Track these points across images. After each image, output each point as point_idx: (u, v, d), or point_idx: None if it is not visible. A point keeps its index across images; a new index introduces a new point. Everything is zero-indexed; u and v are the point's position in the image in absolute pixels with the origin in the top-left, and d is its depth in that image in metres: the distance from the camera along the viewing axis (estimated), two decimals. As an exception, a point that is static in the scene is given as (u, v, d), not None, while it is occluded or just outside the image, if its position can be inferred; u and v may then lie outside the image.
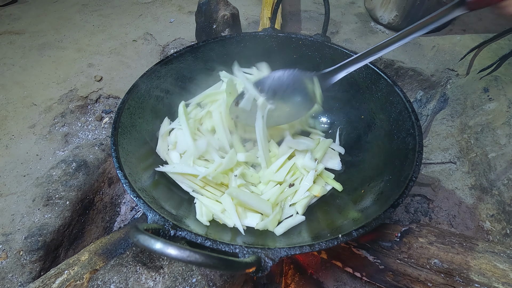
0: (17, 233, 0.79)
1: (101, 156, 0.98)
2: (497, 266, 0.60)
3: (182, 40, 1.47)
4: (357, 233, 0.46)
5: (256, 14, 1.60)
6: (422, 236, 0.68)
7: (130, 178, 0.55)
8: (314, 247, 0.44)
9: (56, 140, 1.09)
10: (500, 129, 0.97)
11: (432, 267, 0.63)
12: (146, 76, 0.75)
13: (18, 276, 0.74)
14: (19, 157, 1.01)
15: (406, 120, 0.65)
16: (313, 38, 0.85)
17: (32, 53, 1.39)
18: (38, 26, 1.55)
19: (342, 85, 0.85)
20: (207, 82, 0.89)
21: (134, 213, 1.03)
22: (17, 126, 1.10)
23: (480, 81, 1.15)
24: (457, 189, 0.99)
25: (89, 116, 1.21)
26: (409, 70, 1.30)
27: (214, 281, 0.55)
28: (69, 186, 0.87)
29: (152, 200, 0.53)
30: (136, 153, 0.67)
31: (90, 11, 1.67)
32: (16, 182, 0.94)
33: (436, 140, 1.14)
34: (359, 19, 1.55)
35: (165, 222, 0.46)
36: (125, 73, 1.31)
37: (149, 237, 0.31)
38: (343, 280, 0.82)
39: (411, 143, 0.61)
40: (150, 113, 0.77)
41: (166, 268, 0.54)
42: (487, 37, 1.28)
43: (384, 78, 0.73)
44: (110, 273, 0.54)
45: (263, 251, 0.42)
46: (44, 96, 1.20)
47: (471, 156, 1.00)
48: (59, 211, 0.82)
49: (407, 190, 0.52)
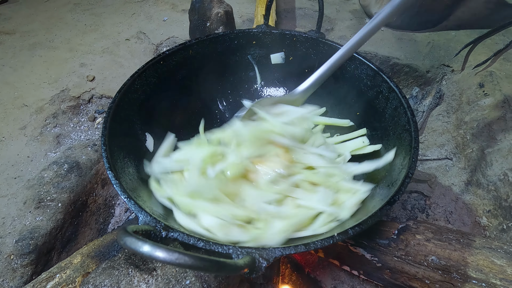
0: (7, 236, 0.77)
1: (94, 157, 0.96)
2: (494, 262, 0.59)
3: (176, 38, 1.46)
4: (353, 231, 0.45)
5: (251, 12, 1.59)
6: (419, 233, 0.68)
7: (121, 178, 0.54)
8: (309, 246, 0.43)
9: (48, 141, 1.07)
10: (496, 124, 0.97)
11: (429, 264, 0.62)
12: (138, 75, 0.74)
13: (9, 280, 0.72)
14: (9, 159, 0.99)
15: (402, 116, 0.65)
16: (307, 34, 0.85)
17: (23, 53, 1.36)
18: (29, 26, 1.52)
19: (337, 81, 0.84)
20: (202, 80, 0.88)
21: (128, 215, 1.02)
22: (8, 127, 1.08)
23: (475, 76, 1.15)
24: (453, 185, 0.99)
25: (82, 117, 1.19)
26: (404, 66, 1.30)
27: (209, 282, 0.54)
28: (61, 188, 0.85)
29: (143, 201, 0.52)
30: (128, 154, 0.66)
31: (81, 10, 1.65)
32: (7, 185, 0.92)
33: (432, 136, 1.14)
34: (354, 16, 1.54)
35: (157, 223, 0.45)
36: (118, 73, 1.29)
37: (137, 240, 0.30)
38: (341, 278, 0.81)
39: (407, 139, 0.60)
40: (142, 112, 0.76)
41: (159, 270, 0.53)
42: (481, 32, 1.28)
43: (379, 74, 0.73)
44: (102, 277, 0.52)
45: (257, 251, 0.41)
46: (35, 97, 1.18)
47: (467, 152, 1.00)
48: (51, 213, 0.81)
49: (403, 187, 0.51)
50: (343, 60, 0.72)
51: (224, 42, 0.86)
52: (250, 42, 0.88)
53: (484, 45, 1.24)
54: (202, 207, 0.56)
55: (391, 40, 1.38)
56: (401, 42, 1.37)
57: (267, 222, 0.56)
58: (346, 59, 0.72)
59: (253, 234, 0.53)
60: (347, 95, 0.83)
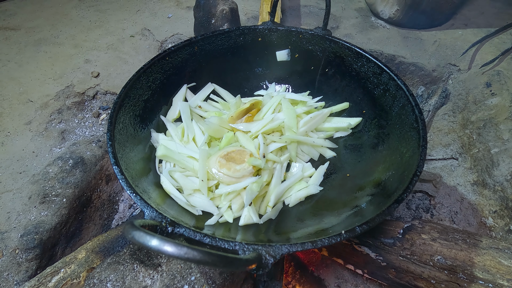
0: (12, 231, 0.77)
1: (99, 153, 0.96)
2: (501, 263, 0.59)
3: (181, 35, 1.45)
4: (361, 229, 0.45)
5: (256, 9, 1.58)
6: (425, 232, 0.67)
7: (126, 173, 0.53)
8: (316, 243, 0.43)
9: (53, 137, 1.07)
10: (503, 124, 0.96)
11: (435, 264, 0.62)
12: (143, 71, 0.74)
13: (14, 274, 0.72)
14: (15, 154, 1.00)
15: (410, 114, 0.64)
16: (313, 31, 0.84)
17: (28, 49, 1.37)
18: (34, 22, 1.52)
19: (343, 79, 0.84)
20: (208, 77, 0.88)
21: (132, 211, 1.02)
22: (13, 123, 1.08)
23: (483, 75, 1.13)
24: (459, 185, 0.98)
25: (86, 113, 1.19)
26: (410, 65, 1.29)
27: (214, 279, 0.54)
28: (65, 183, 0.85)
29: (149, 196, 0.52)
30: (133, 149, 0.66)
31: (86, 6, 1.65)
32: (12, 180, 0.92)
33: (438, 136, 1.13)
34: (359, 14, 1.53)
35: (163, 219, 0.44)
36: (122, 69, 1.29)
37: (145, 234, 0.30)
38: (344, 277, 0.81)
39: (414, 137, 0.60)
40: (147, 108, 0.76)
41: (164, 266, 0.53)
42: (489, 31, 1.27)
43: (386, 71, 0.72)
44: (107, 271, 0.52)
45: (264, 248, 0.41)
46: (40, 93, 1.18)
47: (473, 152, 0.99)
48: (56, 208, 0.81)
49: (412, 185, 0.51)
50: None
51: (230, 39, 0.86)
52: (256, 39, 0.88)
53: (491, 44, 1.22)
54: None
55: (397, 38, 1.37)
56: (407, 41, 1.36)
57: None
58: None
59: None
60: (353, 93, 0.83)
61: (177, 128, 0.78)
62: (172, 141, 0.75)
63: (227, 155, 0.69)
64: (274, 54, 0.90)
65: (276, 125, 0.76)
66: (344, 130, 0.82)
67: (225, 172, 0.66)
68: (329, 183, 0.75)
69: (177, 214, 0.56)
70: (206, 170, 0.68)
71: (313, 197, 0.72)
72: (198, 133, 0.76)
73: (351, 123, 0.80)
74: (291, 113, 0.77)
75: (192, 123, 0.78)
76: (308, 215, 0.66)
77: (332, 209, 0.65)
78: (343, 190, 0.71)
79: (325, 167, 0.77)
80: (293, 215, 0.68)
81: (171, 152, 0.71)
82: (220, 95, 0.89)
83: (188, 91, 0.85)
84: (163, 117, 0.80)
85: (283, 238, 0.58)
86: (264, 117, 0.78)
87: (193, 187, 0.66)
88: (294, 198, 0.71)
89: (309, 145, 0.79)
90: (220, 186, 0.69)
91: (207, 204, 0.66)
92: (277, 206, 0.70)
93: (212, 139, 0.78)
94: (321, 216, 0.63)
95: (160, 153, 0.71)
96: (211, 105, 0.86)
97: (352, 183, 0.71)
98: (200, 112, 0.82)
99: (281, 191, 0.70)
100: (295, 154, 0.78)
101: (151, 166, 0.72)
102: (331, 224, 0.58)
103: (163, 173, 0.68)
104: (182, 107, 0.79)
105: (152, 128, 0.77)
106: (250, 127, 0.76)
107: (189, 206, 0.65)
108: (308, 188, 0.72)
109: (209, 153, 0.70)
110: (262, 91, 0.94)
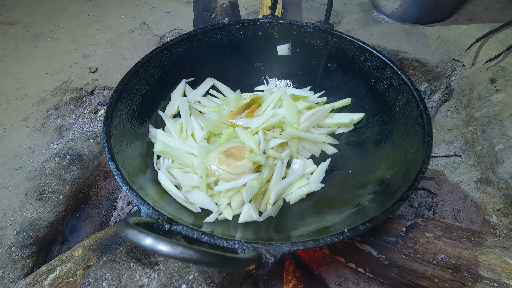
0: (8, 228, 0.76)
1: (96, 149, 0.94)
2: (507, 262, 0.57)
3: (180, 30, 1.43)
4: (364, 227, 0.43)
5: (256, 4, 1.56)
6: (428, 230, 0.66)
7: (123, 169, 0.52)
8: (318, 242, 0.42)
9: (50, 132, 1.06)
10: (508, 120, 0.94)
11: (439, 263, 0.61)
12: (141, 65, 0.72)
13: (10, 272, 0.71)
14: (11, 150, 0.98)
15: (414, 109, 0.62)
16: (315, 25, 0.82)
17: (25, 44, 1.35)
18: (32, 17, 1.50)
19: (346, 74, 0.82)
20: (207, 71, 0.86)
21: (131, 208, 1.01)
22: (10, 118, 1.07)
23: (487, 71, 1.11)
24: (462, 182, 0.96)
25: (84, 108, 1.18)
26: (413, 61, 1.27)
27: (212, 278, 0.53)
28: (62, 179, 0.84)
29: (146, 193, 0.50)
30: (131, 145, 0.64)
31: (85, 1, 1.63)
32: (8, 176, 0.91)
33: (441, 132, 1.11)
34: (361, 9, 1.51)
35: (159, 216, 0.43)
36: (121, 64, 1.27)
37: (138, 232, 0.28)
38: (346, 275, 0.79)
39: (419, 133, 0.58)
40: (145, 103, 0.74)
41: (161, 265, 0.52)
42: (493, 26, 1.24)
43: (390, 65, 0.70)
44: (103, 270, 0.51)
45: (264, 246, 0.40)
46: (37, 88, 1.16)
47: (477, 149, 0.97)
48: (52, 205, 0.79)
49: (417, 182, 0.49)
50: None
51: (230, 33, 0.84)
52: (256, 32, 0.86)
53: (496, 40, 1.20)
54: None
55: (400, 34, 1.35)
56: (410, 36, 1.34)
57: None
58: None
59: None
60: (356, 88, 0.81)
61: (176, 123, 0.76)
62: (171, 137, 0.73)
63: (227, 151, 0.67)
64: (275, 48, 0.88)
65: (277, 121, 0.74)
66: (346, 126, 0.80)
67: (225, 168, 0.64)
68: (330, 180, 0.73)
69: (175, 212, 0.55)
70: (205, 167, 0.66)
71: (314, 194, 0.71)
72: (197, 128, 0.75)
73: (354, 119, 0.79)
74: (292, 109, 0.76)
75: (191, 119, 0.76)
76: (309, 212, 0.65)
77: (334, 207, 0.63)
78: (345, 187, 0.69)
79: (327, 164, 0.76)
80: (294, 213, 0.67)
81: (169, 148, 0.70)
82: (219, 90, 0.88)
83: (187, 86, 0.84)
84: (162, 112, 0.79)
85: (283, 236, 0.57)
86: (265, 113, 0.77)
87: (192, 184, 0.65)
88: (295, 195, 0.70)
89: (310, 141, 0.78)
90: (219, 182, 0.67)
91: (206, 201, 0.64)
92: (278, 203, 0.69)
93: (212, 135, 0.77)
94: (322, 214, 0.62)
95: (158, 149, 0.70)
96: (210, 100, 0.85)
97: (355, 181, 0.69)
98: (199, 108, 0.81)
99: (281, 188, 0.68)
100: (296, 150, 0.76)
101: (149, 163, 0.70)
102: (332, 222, 0.57)
103: (161, 170, 0.67)
104: (181, 102, 0.77)
105: (150, 124, 0.75)
106: (250, 123, 0.74)
107: (188, 203, 0.63)
108: (309, 185, 0.71)
109: (208, 149, 0.69)
110: (262, 86, 0.92)
